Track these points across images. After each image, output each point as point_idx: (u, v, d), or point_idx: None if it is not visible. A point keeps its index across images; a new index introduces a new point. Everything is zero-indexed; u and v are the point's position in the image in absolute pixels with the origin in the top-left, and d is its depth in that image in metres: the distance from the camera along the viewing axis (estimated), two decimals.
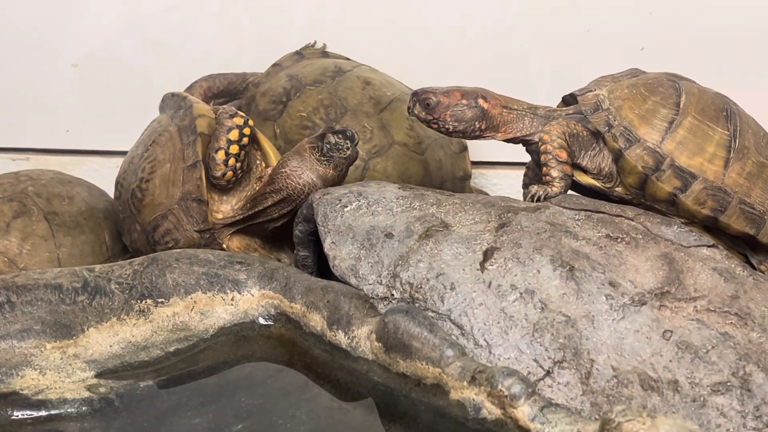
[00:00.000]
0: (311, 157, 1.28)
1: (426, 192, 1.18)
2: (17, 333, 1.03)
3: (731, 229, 1.16)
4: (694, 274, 1.05)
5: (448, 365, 0.94)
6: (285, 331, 1.09)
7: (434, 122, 1.20)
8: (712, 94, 1.20)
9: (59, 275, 1.08)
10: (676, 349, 0.98)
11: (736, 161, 1.16)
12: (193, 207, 1.31)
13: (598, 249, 1.06)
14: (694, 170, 1.15)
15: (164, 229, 1.33)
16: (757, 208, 1.17)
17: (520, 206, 1.14)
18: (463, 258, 1.06)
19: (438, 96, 1.19)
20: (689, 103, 1.17)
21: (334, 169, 1.27)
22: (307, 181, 1.27)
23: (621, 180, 1.18)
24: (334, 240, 1.13)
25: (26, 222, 1.40)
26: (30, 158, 1.79)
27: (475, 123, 1.20)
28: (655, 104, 1.17)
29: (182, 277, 1.10)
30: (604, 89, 1.20)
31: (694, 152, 1.15)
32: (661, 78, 1.21)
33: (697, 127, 1.16)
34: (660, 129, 1.16)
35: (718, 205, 1.15)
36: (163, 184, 1.33)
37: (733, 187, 1.16)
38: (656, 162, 1.15)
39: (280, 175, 1.29)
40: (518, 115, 1.20)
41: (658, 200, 1.17)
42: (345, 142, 1.27)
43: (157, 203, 1.33)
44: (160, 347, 1.08)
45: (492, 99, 1.20)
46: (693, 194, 1.15)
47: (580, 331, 0.99)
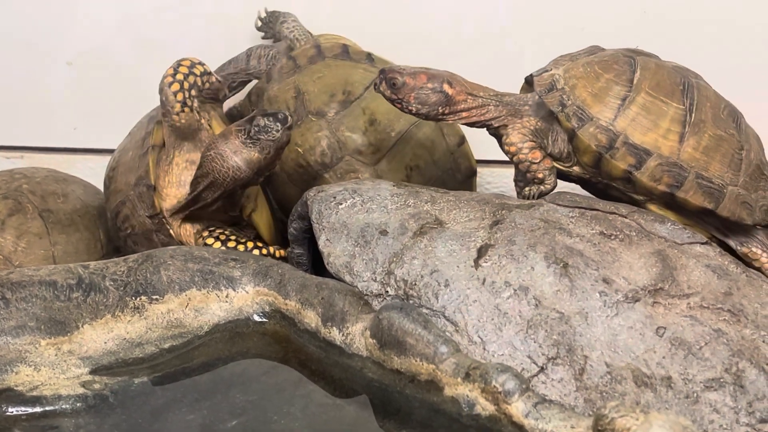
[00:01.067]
0: (236, 140, 1.26)
1: (420, 189, 1.18)
2: (12, 329, 1.03)
3: (689, 204, 1.16)
4: (688, 271, 1.05)
5: (443, 362, 0.94)
6: (279, 328, 1.09)
7: (398, 102, 1.20)
8: (670, 68, 1.19)
9: (54, 272, 1.08)
10: (670, 346, 0.99)
11: (691, 135, 1.15)
12: (144, 192, 1.32)
13: (591, 246, 1.06)
14: (649, 147, 1.15)
15: (123, 215, 1.35)
16: (716, 182, 1.16)
17: (514, 203, 1.14)
18: (457, 255, 1.06)
19: (404, 77, 1.19)
20: (643, 79, 1.16)
21: (260, 152, 1.26)
22: (231, 165, 1.26)
23: (577, 159, 1.18)
24: (329, 237, 1.13)
25: (21, 220, 1.40)
26: (24, 156, 1.79)
27: (438, 108, 1.20)
28: (609, 81, 1.17)
29: (177, 274, 1.10)
30: (561, 68, 1.20)
31: (647, 128, 1.15)
32: (617, 55, 1.20)
33: (651, 103, 1.15)
34: (613, 106, 1.16)
35: (674, 180, 1.15)
36: (124, 172, 1.35)
37: (690, 162, 1.15)
38: (609, 140, 1.15)
39: (206, 158, 1.28)
40: (483, 101, 1.20)
41: (613, 178, 1.17)
42: (275, 124, 1.25)
43: (119, 190, 1.35)
44: (154, 344, 1.08)
45: (458, 85, 1.20)
46: (648, 171, 1.15)
47: (574, 328, 1.00)
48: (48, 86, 1.76)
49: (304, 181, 1.41)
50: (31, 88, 1.76)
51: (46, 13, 1.72)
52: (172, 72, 1.31)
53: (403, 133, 1.43)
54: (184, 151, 1.33)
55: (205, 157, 1.28)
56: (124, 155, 1.37)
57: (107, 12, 1.71)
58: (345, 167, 1.40)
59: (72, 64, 1.74)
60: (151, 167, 1.31)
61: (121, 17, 1.71)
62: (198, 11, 1.69)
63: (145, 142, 1.34)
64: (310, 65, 1.49)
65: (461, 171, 1.48)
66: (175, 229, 1.32)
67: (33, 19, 1.73)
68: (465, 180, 1.49)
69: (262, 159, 1.26)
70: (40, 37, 1.74)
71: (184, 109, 1.30)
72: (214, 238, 1.31)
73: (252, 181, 1.30)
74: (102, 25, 1.72)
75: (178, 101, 1.29)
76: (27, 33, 1.74)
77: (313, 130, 1.42)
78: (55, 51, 1.74)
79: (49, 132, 1.77)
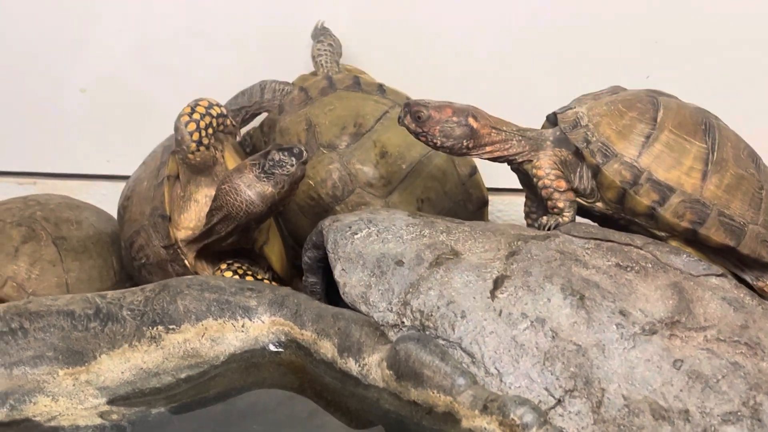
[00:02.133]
0: (250, 174, 1.26)
1: (436, 219, 1.18)
2: (30, 359, 1.04)
3: (711, 241, 1.16)
4: (704, 304, 1.05)
5: (460, 393, 0.94)
6: (295, 358, 1.09)
7: (423, 135, 1.20)
8: (692, 108, 1.20)
9: (71, 302, 1.08)
10: (687, 379, 0.99)
11: (714, 174, 1.16)
12: (159, 223, 1.32)
13: (608, 278, 1.06)
14: (672, 183, 1.15)
15: (138, 245, 1.34)
16: (737, 219, 1.16)
17: (530, 234, 1.14)
18: (473, 286, 1.07)
19: (429, 110, 1.19)
20: (666, 118, 1.17)
21: (273, 187, 1.25)
22: (245, 198, 1.26)
23: (601, 195, 1.19)
24: (344, 267, 1.13)
25: (35, 247, 1.40)
26: (37, 182, 1.80)
27: (463, 141, 1.20)
28: (633, 119, 1.17)
29: (193, 303, 1.10)
30: (584, 107, 1.21)
31: (671, 166, 1.16)
32: (640, 94, 1.22)
33: (674, 141, 1.16)
34: (637, 144, 1.16)
35: (697, 217, 1.15)
36: (139, 202, 1.35)
37: (712, 200, 1.16)
38: (634, 176, 1.15)
39: (220, 192, 1.27)
40: (506, 136, 1.20)
41: (637, 214, 1.17)
42: (290, 159, 1.25)
43: (134, 220, 1.35)
44: (171, 374, 1.08)
45: (482, 119, 1.20)
46: (671, 207, 1.15)
47: (591, 360, 1.00)
48: (61, 112, 1.77)
49: (315, 214, 1.42)
50: (44, 115, 1.77)
51: (59, 39, 1.73)
52: (189, 111, 1.31)
53: (414, 164, 1.43)
54: (200, 184, 1.34)
55: (219, 190, 1.28)
56: (138, 185, 1.38)
57: (121, 39, 1.72)
58: (356, 200, 1.41)
59: (86, 90, 1.75)
60: (166, 198, 1.31)
61: (135, 44, 1.72)
62: (213, 39, 1.70)
63: (160, 172, 1.34)
64: (322, 97, 1.49)
65: (473, 201, 1.49)
66: (190, 260, 1.32)
67: (47, 46, 1.74)
68: (476, 210, 1.49)
69: (276, 194, 1.26)
70: (53, 64, 1.75)
71: (199, 147, 1.31)
72: (232, 272, 1.32)
73: (266, 215, 1.30)
74: (115, 51, 1.73)
75: (194, 141, 1.30)
76: (41, 59, 1.75)
77: (324, 162, 1.42)
78: (68, 77, 1.75)
79: (62, 158, 1.78)
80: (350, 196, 1.41)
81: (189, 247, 1.32)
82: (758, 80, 1.57)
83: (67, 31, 1.73)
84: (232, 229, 1.29)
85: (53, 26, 1.73)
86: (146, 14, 1.70)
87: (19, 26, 1.74)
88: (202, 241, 1.31)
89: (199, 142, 1.31)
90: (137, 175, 1.41)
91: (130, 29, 1.72)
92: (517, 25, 1.62)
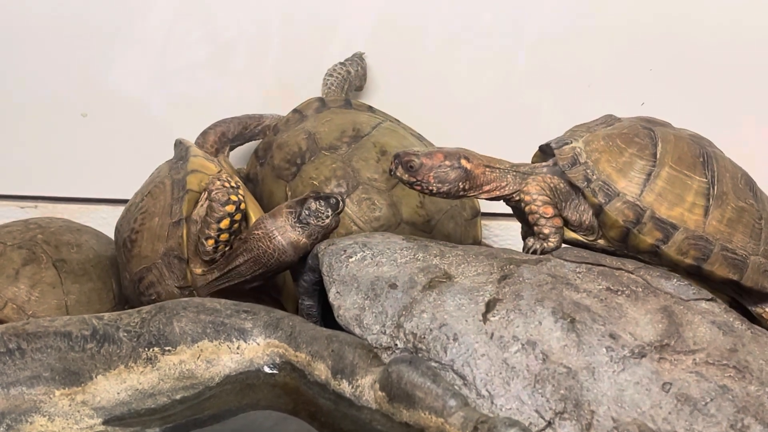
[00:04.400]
0: (286, 222, 1.25)
1: (430, 243, 1.19)
2: (27, 380, 1.05)
3: (715, 276, 1.17)
4: (693, 327, 1.06)
5: (451, 415, 0.95)
6: (290, 380, 1.10)
7: (417, 184, 1.20)
8: (688, 140, 1.20)
9: (68, 323, 1.09)
10: (676, 402, 1.00)
11: (715, 208, 1.17)
12: (175, 264, 1.31)
13: (598, 301, 1.08)
14: (675, 221, 1.16)
15: (148, 281, 1.33)
16: (739, 252, 1.17)
17: (522, 258, 1.15)
18: (465, 309, 1.08)
19: (420, 158, 1.19)
20: (666, 153, 1.17)
21: (307, 237, 1.25)
22: (277, 246, 1.25)
23: (603, 233, 1.19)
24: (339, 290, 1.14)
25: (35, 269, 1.42)
26: (38, 206, 1.81)
27: (459, 183, 1.20)
28: (632, 156, 1.17)
29: (189, 325, 1.11)
30: (580, 141, 1.20)
31: (673, 203, 1.16)
32: (636, 127, 1.21)
33: (675, 177, 1.17)
34: (638, 181, 1.17)
35: (701, 253, 1.16)
36: (150, 238, 1.34)
37: (715, 235, 1.16)
38: (637, 215, 1.16)
39: (252, 237, 1.27)
40: (501, 173, 1.21)
41: (641, 252, 1.18)
42: (326, 210, 1.25)
43: (144, 255, 1.34)
44: (166, 395, 1.09)
45: (474, 159, 1.20)
46: (675, 245, 1.16)
47: (581, 383, 1.01)
48: (62, 137, 1.78)
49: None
50: (45, 139, 1.79)
51: (60, 64, 1.75)
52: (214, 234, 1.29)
53: None
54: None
55: (251, 234, 1.27)
56: (148, 219, 1.35)
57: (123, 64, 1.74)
58: (361, 194, 1.43)
59: (86, 115, 1.77)
60: (184, 241, 1.31)
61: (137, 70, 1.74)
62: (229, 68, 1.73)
63: (173, 210, 1.33)
64: (317, 114, 1.54)
65: (467, 210, 1.51)
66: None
67: (48, 70, 1.76)
68: (471, 218, 1.52)
69: (308, 244, 1.25)
70: (54, 88, 1.77)
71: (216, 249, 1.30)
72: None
73: (294, 264, 1.28)
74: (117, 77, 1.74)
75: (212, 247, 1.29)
76: (42, 83, 1.77)
77: (327, 163, 1.45)
78: (69, 102, 1.77)
79: (64, 182, 1.80)
80: (355, 191, 1.43)
81: (207, 287, 1.31)
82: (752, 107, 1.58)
83: (69, 56, 1.75)
84: (259, 274, 1.29)
85: (55, 51, 1.75)
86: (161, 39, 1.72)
87: (22, 51, 1.76)
88: (222, 282, 1.30)
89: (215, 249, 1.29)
90: (144, 207, 1.37)
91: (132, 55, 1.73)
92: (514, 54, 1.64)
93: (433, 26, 1.67)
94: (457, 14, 1.66)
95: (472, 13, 1.65)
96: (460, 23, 1.66)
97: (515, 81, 1.65)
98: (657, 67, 1.59)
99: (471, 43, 1.66)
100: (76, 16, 1.73)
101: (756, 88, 1.57)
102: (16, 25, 1.75)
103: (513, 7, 1.64)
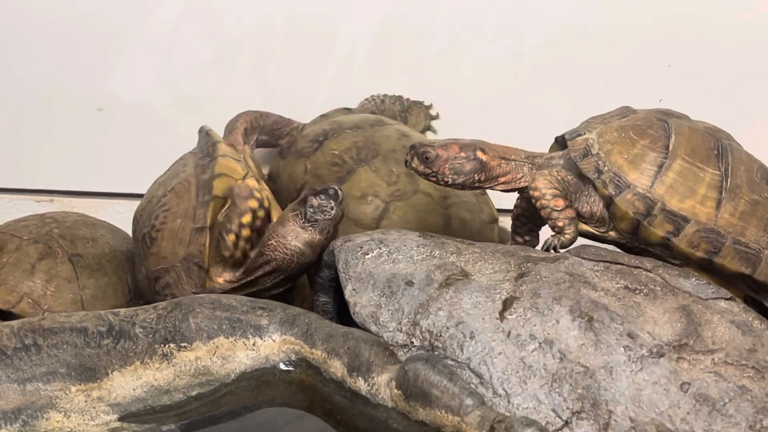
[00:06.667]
0: (294, 225, 1.25)
1: (446, 240, 1.19)
2: (43, 375, 1.05)
3: (726, 269, 1.16)
4: (712, 327, 1.06)
5: (468, 414, 0.95)
6: (305, 377, 1.10)
7: (433, 175, 1.20)
8: (703, 131, 1.19)
9: (84, 319, 1.09)
10: (694, 402, 0.99)
11: (728, 201, 1.16)
12: (194, 270, 1.30)
13: (616, 300, 1.07)
14: (686, 213, 1.15)
15: (165, 282, 1.33)
16: (752, 246, 1.16)
17: (540, 256, 1.15)
18: (482, 307, 1.07)
19: (436, 149, 1.19)
20: (679, 145, 1.16)
21: (320, 233, 1.25)
22: (294, 251, 1.25)
23: (614, 225, 1.19)
24: (355, 287, 1.14)
25: (51, 264, 1.42)
26: (54, 200, 1.81)
27: (474, 175, 1.20)
28: (644, 148, 1.17)
29: (205, 321, 1.11)
30: (594, 132, 1.20)
31: (685, 195, 1.15)
32: (650, 118, 1.20)
33: (687, 170, 1.16)
34: (650, 173, 1.16)
35: (712, 246, 1.15)
36: (170, 238, 1.33)
37: (727, 228, 1.15)
38: (647, 207, 1.15)
39: (267, 248, 1.26)
40: (516, 165, 1.20)
41: (651, 244, 1.17)
42: (328, 202, 1.24)
43: (162, 256, 1.33)
44: (182, 391, 1.09)
45: (490, 150, 1.20)
46: (686, 237, 1.15)
47: (599, 382, 1.00)
48: (78, 131, 1.78)
49: (338, 179, 1.44)
50: (61, 133, 1.79)
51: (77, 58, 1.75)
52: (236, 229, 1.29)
53: None
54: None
55: (266, 246, 1.26)
56: (171, 219, 1.34)
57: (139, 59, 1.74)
58: (379, 163, 1.44)
59: (102, 109, 1.77)
60: (206, 249, 1.30)
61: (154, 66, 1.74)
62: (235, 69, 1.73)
63: (197, 215, 1.32)
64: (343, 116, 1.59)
65: (484, 213, 1.51)
66: None
67: (65, 65, 1.76)
68: (489, 222, 1.52)
69: (324, 240, 1.25)
70: (71, 83, 1.77)
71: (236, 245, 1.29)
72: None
73: (314, 262, 1.28)
74: (134, 71, 1.75)
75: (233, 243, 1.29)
76: (59, 78, 1.77)
77: (349, 137, 1.48)
78: (86, 96, 1.77)
79: (79, 176, 1.80)
80: (374, 160, 1.44)
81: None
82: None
83: (87, 51, 1.75)
84: (280, 281, 1.29)
85: (72, 46, 1.75)
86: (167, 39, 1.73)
87: (38, 46, 1.76)
88: (244, 291, 1.28)
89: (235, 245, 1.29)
90: (167, 205, 1.36)
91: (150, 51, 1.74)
92: (530, 48, 1.64)
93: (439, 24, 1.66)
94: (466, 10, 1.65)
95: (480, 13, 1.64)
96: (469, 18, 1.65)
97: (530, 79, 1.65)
98: (675, 63, 1.58)
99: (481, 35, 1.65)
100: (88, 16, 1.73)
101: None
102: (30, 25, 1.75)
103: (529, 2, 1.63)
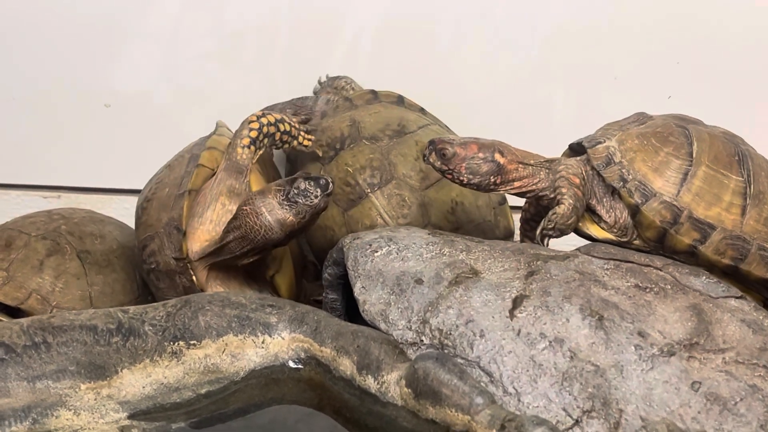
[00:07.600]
0: (274, 199, 1.25)
1: (456, 238, 1.19)
2: (53, 373, 1.05)
3: (752, 275, 1.16)
4: (723, 326, 1.05)
5: (478, 413, 0.95)
6: (315, 375, 1.10)
7: (449, 172, 1.20)
8: (722, 138, 1.19)
9: (94, 316, 1.09)
10: (705, 401, 0.99)
11: (752, 208, 1.16)
12: (174, 234, 1.31)
13: (627, 299, 1.07)
14: (712, 221, 1.15)
15: (150, 249, 1.34)
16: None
17: (549, 254, 1.15)
18: (492, 305, 1.07)
19: (455, 147, 1.19)
20: (702, 152, 1.16)
21: (295, 216, 1.24)
22: (264, 223, 1.25)
23: (639, 233, 1.18)
24: (364, 285, 1.14)
25: (59, 260, 1.42)
26: (61, 196, 1.81)
27: (490, 177, 1.19)
28: (668, 155, 1.16)
29: (214, 319, 1.11)
30: (614, 140, 1.19)
31: (710, 203, 1.15)
32: (669, 125, 1.20)
33: (712, 177, 1.15)
34: (675, 181, 1.15)
35: (738, 253, 1.15)
36: (158, 207, 1.35)
37: (752, 234, 1.15)
38: (674, 215, 1.15)
39: (241, 212, 1.26)
40: (534, 170, 1.20)
41: (677, 252, 1.17)
42: (315, 189, 1.24)
43: (149, 224, 1.35)
44: (191, 389, 1.09)
45: (509, 154, 1.19)
46: (712, 245, 1.15)
47: (609, 381, 1.00)
48: (86, 127, 1.78)
49: (349, 201, 1.42)
50: (69, 129, 1.79)
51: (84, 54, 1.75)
52: (260, 114, 1.33)
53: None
54: (222, 201, 1.33)
55: (240, 210, 1.27)
56: (160, 189, 1.37)
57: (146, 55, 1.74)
58: (393, 189, 1.41)
59: (110, 105, 1.77)
60: (185, 212, 1.31)
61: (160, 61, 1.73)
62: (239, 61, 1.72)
63: (182, 182, 1.34)
64: (367, 105, 1.53)
65: (500, 228, 1.49)
66: (198, 276, 1.31)
67: (71, 61, 1.76)
68: (503, 238, 1.49)
69: (296, 223, 1.25)
70: (79, 79, 1.77)
71: (250, 146, 1.31)
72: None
73: (283, 242, 1.28)
74: (140, 68, 1.74)
75: (250, 136, 1.31)
76: (66, 74, 1.77)
77: (365, 152, 1.44)
78: (93, 92, 1.77)
79: (87, 172, 1.80)
80: (387, 185, 1.41)
81: (201, 262, 1.31)
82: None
83: (93, 47, 1.75)
84: (247, 251, 1.28)
85: (79, 41, 1.75)
86: (173, 34, 1.72)
87: (44, 41, 1.76)
88: (214, 258, 1.30)
89: (252, 142, 1.32)
90: (161, 178, 1.40)
91: (156, 47, 1.73)
92: (538, 47, 1.63)
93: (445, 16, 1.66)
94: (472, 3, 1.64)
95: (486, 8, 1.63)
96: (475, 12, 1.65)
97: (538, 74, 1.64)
98: (684, 60, 1.57)
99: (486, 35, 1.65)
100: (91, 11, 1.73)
101: None
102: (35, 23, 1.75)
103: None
